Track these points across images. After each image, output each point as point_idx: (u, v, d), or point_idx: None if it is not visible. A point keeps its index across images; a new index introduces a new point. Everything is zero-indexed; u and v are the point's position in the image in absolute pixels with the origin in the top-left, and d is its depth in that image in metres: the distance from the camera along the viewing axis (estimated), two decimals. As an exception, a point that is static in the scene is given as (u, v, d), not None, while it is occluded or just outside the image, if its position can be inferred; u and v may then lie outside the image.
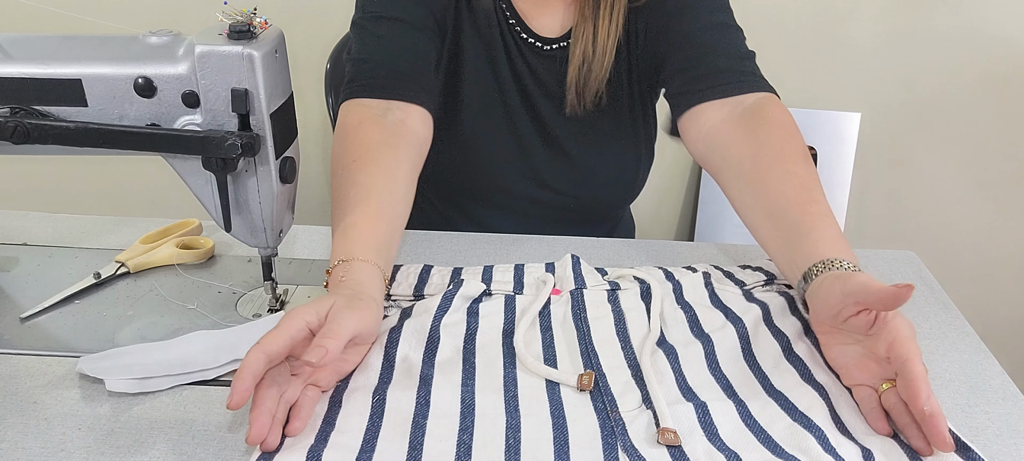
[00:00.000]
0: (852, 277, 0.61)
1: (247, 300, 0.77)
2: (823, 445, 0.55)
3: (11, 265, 0.83)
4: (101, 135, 0.63)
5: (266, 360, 0.55)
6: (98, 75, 0.63)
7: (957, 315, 0.76)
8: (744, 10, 0.94)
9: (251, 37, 0.63)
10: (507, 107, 0.98)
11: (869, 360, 0.61)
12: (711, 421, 0.58)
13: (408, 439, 0.56)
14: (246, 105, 0.63)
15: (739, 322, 0.69)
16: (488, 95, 0.98)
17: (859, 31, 1.57)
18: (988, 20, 1.55)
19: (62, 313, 0.74)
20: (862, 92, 1.62)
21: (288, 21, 1.51)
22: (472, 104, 0.98)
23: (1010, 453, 0.58)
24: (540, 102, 0.98)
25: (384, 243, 0.72)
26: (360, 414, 0.59)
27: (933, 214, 1.73)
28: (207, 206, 0.69)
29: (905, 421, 0.57)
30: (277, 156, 0.67)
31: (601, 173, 1.02)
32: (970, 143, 1.66)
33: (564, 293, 0.74)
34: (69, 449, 0.57)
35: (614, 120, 0.99)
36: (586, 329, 0.69)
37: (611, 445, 0.56)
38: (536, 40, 0.96)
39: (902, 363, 0.56)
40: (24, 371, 0.66)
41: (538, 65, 0.97)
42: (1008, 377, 0.67)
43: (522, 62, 0.97)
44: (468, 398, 0.61)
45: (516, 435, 0.57)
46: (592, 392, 0.62)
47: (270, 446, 0.54)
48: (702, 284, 0.75)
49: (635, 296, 0.74)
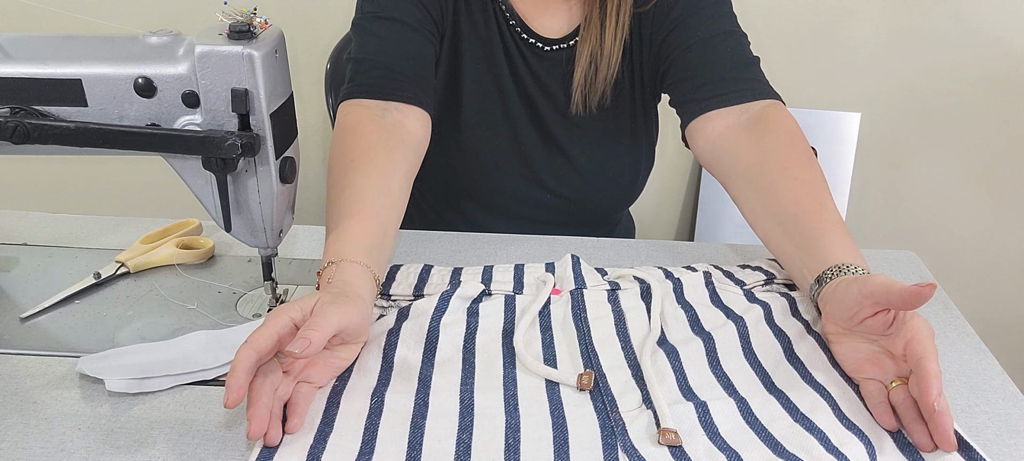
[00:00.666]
0: (871, 279, 0.61)
1: (247, 300, 0.77)
2: (826, 446, 0.55)
3: (11, 265, 0.83)
4: (101, 135, 0.63)
5: (256, 356, 0.56)
6: (98, 75, 0.63)
7: (957, 315, 0.76)
8: (744, 10, 0.94)
9: (251, 37, 0.62)
10: (507, 108, 0.98)
11: (883, 357, 0.61)
12: (711, 420, 0.58)
13: (407, 439, 0.56)
14: (246, 105, 0.63)
15: (740, 320, 0.69)
16: (487, 96, 0.98)
17: (859, 31, 1.57)
18: (988, 20, 1.55)
19: (62, 313, 0.74)
20: (862, 92, 1.62)
21: (288, 21, 1.51)
22: (471, 106, 0.98)
23: (1010, 453, 0.58)
24: (540, 103, 0.98)
25: (375, 245, 0.72)
26: (358, 415, 0.59)
27: (933, 214, 1.73)
28: (207, 206, 0.69)
29: (911, 417, 0.57)
30: (277, 156, 0.67)
31: (601, 176, 1.02)
32: (970, 143, 1.66)
33: (564, 293, 0.74)
34: (69, 449, 0.57)
35: (615, 123, 0.99)
36: (586, 329, 0.69)
37: (611, 445, 0.56)
38: (537, 41, 0.96)
39: (918, 360, 0.56)
40: (24, 371, 0.66)
41: (539, 66, 0.97)
42: (1008, 377, 0.67)
43: (522, 63, 0.97)
44: (467, 398, 0.61)
45: (516, 435, 0.57)
46: (592, 392, 0.62)
47: (272, 440, 0.55)
48: (702, 284, 0.75)
49: (635, 296, 0.74)
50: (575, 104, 0.96)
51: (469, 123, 0.98)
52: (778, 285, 0.77)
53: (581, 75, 0.94)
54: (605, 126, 0.99)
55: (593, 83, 0.94)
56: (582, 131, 0.99)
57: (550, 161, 1.01)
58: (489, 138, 0.99)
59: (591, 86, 0.94)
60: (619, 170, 1.03)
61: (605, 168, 1.02)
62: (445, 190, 1.06)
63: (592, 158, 1.01)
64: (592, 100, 0.95)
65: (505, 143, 1.00)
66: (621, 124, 1.00)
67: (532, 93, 0.98)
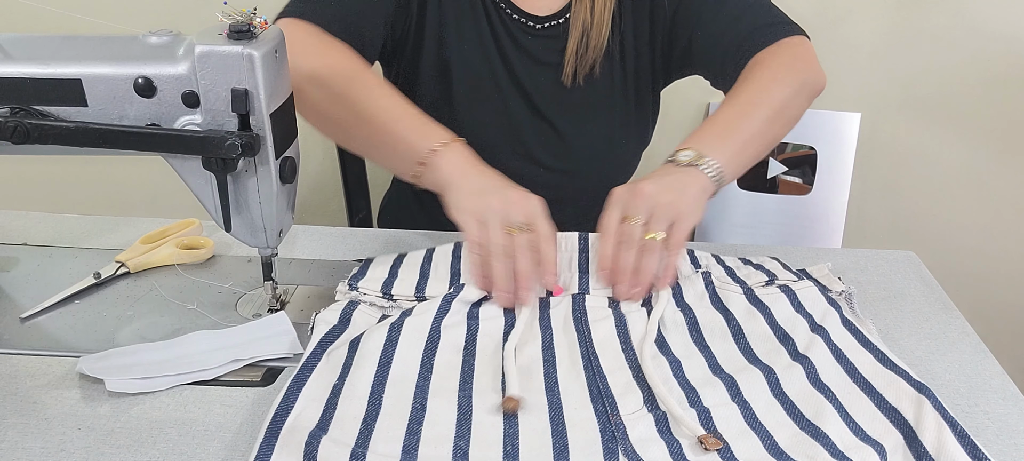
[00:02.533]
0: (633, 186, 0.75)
1: (247, 300, 0.77)
2: (831, 451, 0.55)
3: (11, 265, 0.83)
4: (101, 135, 0.63)
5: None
6: (98, 75, 0.63)
7: (957, 315, 0.76)
8: (744, 10, 0.94)
9: (251, 37, 0.62)
10: (498, 87, 1.00)
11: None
12: (715, 429, 0.58)
13: (401, 444, 0.56)
14: (246, 105, 0.63)
15: (740, 329, 0.69)
16: (478, 78, 0.99)
17: (859, 31, 1.57)
18: (988, 20, 1.55)
19: (62, 313, 0.74)
20: (862, 92, 1.62)
21: (288, 21, 1.50)
22: (461, 89, 0.99)
23: (1010, 453, 0.58)
24: (531, 80, 1.00)
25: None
26: (355, 418, 0.58)
27: (933, 214, 1.73)
28: (207, 206, 0.69)
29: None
30: (277, 156, 0.67)
31: (591, 148, 1.03)
32: (970, 143, 1.66)
33: (566, 294, 0.74)
34: (69, 449, 0.57)
35: (605, 94, 1.01)
36: (586, 331, 0.69)
37: (612, 449, 0.56)
38: (529, 20, 0.98)
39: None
40: (24, 371, 0.66)
41: (531, 44, 0.99)
42: (1008, 377, 0.67)
43: (510, 42, 0.99)
44: (465, 404, 0.61)
45: (514, 443, 0.57)
46: (592, 395, 0.62)
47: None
48: (702, 284, 0.75)
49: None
50: (566, 75, 0.98)
51: (462, 107, 1.00)
52: (779, 284, 0.77)
53: (574, 45, 0.97)
54: (595, 98, 1.01)
55: (584, 55, 0.98)
56: (573, 105, 1.01)
57: (541, 136, 1.02)
58: (481, 118, 1.01)
59: (582, 57, 0.98)
60: (609, 141, 1.04)
61: (596, 140, 1.03)
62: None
63: (583, 131, 1.02)
64: (582, 70, 0.98)
65: (497, 121, 1.01)
66: (611, 96, 1.02)
67: (520, 70, 1.00)
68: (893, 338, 0.72)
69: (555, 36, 0.99)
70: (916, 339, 0.72)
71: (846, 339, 0.67)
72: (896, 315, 0.76)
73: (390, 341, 0.66)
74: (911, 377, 0.61)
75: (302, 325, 0.72)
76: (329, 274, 0.82)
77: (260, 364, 0.67)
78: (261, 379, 0.66)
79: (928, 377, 0.65)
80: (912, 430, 0.56)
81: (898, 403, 0.59)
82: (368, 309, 0.72)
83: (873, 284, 0.81)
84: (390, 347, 0.65)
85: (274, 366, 0.67)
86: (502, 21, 0.99)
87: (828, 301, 0.72)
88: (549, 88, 1.00)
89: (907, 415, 0.58)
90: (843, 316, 0.70)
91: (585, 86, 1.00)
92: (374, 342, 0.66)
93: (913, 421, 0.57)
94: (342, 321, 0.70)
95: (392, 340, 0.66)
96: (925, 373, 0.67)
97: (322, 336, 0.67)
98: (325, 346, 0.66)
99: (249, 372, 0.66)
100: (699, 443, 0.55)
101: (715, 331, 0.69)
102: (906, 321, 0.75)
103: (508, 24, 0.99)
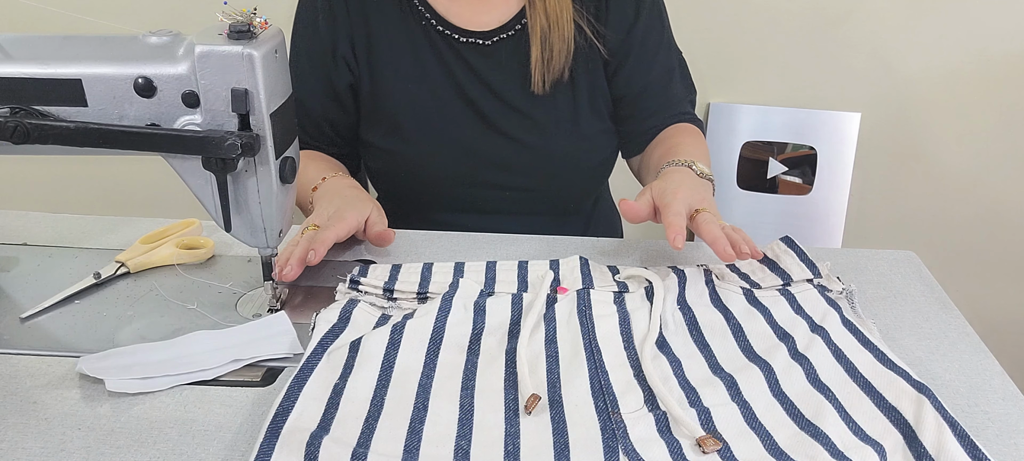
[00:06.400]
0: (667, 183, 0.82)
1: (247, 300, 0.77)
2: (831, 451, 0.55)
3: (11, 265, 0.83)
4: (101, 135, 0.63)
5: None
6: (98, 75, 0.63)
7: (957, 315, 0.76)
8: (745, 10, 0.94)
9: (251, 37, 0.63)
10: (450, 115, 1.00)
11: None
12: (715, 429, 0.58)
13: (403, 444, 0.56)
14: (246, 105, 0.63)
15: (739, 328, 0.69)
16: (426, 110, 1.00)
17: (859, 31, 1.57)
18: (988, 20, 1.55)
19: (62, 313, 0.74)
20: (862, 92, 1.62)
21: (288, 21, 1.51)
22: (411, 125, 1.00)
23: (1010, 453, 0.58)
24: (484, 100, 0.99)
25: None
26: (357, 418, 0.58)
27: (933, 214, 1.73)
28: (207, 206, 0.69)
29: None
30: (277, 156, 0.67)
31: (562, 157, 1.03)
32: (970, 143, 1.66)
33: (571, 292, 0.74)
34: (69, 449, 0.57)
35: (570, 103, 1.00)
36: (590, 326, 0.69)
37: (612, 448, 0.56)
38: (476, 38, 0.98)
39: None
40: (24, 371, 0.66)
41: (482, 63, 0.98)
42: (1008, 377, 0.67)
43: (461, 65, 0.98)
44: (467, 403, 0.61)
45: (515, 442, 0.57)
46: (594, 390, 0.62)
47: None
48: (703, 281, 0.75)
49: (640, 297, 0.73)
50: (536, 84, 0.97)
51: (414, 138, 1.00)
52: (779, 283, 0.77)
53: (537, 52, 0.96)
54: (557, 108, 1.00)
55: (550, 60, 0.97)
56: (534, 117, 1.00)
57: (508, 152, 1.01)
58: (438, 145, 1.01)
59: (550, 63, 0.97)
60: (578, 150, 1.03)
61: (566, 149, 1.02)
62: (411, 206, 1.07)
63: (549, 141, 1.01)
64: (552, 76, 0.98)
65: (455, 146, 1.01)
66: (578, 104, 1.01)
67: (476, 92, 0.99)
68: (893, 338, 0.72)
69: (511, 48, 0.98)
70: (916, 339, 0.72)
71: (846, 339, 0.67)
72: (896, 315, 0.76)
73: (392, 343, 0.66)
74: (911, 377, 0.61)
75: (302, 325, 0.72)
76: (329, 274, 0.82)
77: (260, 364, 0.67)
78: (261, 379, 0.66)
79: (928, 377, 0.65)
80: (912, 430, 0.56)
81: (898, 403, 0.59)
82: (369, 308, 0.72)
83: (873, 284, 0.81)
84: (392, 349, 0.65)
85: (274, 366, 0.67)
86: (450, 47, 0.98)
87: (828, 302, 0.72)
88: (511, 103, 0.99)
89: (907, 415, 0.58)
90: (843, 316, 0.70)
91: (547, 99, 0.98)
92: (377, 344, 0.66)
93: (913, 421, 0.57)
94: (342, 319, 0.70)
95: (395, 342, 0.66)
96: (925, 373, 0.67)
97: (323, 335, 0.67)
98: (326, 345, 0.66)
99: (249, 372, 0.66)
100: (698, 446, 0.56)
101: (715, 329, 0.69)
102: (906, 321, 0.75)
103: (456, 48, 0.98)
